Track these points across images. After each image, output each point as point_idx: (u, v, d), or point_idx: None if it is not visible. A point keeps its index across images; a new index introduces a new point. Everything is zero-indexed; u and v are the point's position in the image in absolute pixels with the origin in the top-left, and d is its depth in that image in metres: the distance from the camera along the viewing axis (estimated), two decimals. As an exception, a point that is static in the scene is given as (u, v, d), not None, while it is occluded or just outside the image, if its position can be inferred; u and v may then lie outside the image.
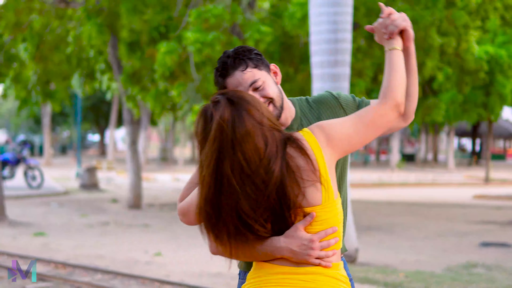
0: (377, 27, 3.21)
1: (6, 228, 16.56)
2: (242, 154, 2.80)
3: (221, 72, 3.27)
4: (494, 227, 18.57)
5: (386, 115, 3.01)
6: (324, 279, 2.89)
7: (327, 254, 2.90)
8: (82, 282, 10.29)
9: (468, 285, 10.61)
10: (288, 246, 2.89)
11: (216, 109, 2.88)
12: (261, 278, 2.94)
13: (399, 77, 3.06)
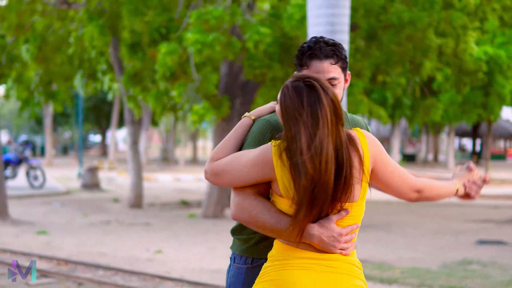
0: (464, 173, 3.64)
1: (8, 227, 16.77)
2: (336, 139, 3.12)
3: (313, 53, 3.47)
4: (491, 225, 18.77)
5: (408, 194, 3.40)
6: (343, 265, 3.17)
7: (348, 246, 3.17)
8: (84, 278, 10.52)
9: (462, 280, 10.82)
10: (320, 235, 3.15)
11: (317, 92, 3.13)
12: (287, 261, 3.19)
13: (438, 193, 3.48)
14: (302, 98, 3.14)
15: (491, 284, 10.56)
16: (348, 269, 3.18)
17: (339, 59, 3.50)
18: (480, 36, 22.27)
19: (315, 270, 3.15)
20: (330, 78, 3.46)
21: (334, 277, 3.14)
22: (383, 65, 18.64)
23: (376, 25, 18.02)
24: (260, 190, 3.30)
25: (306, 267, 3.16)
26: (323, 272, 3.15)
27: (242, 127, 3.48)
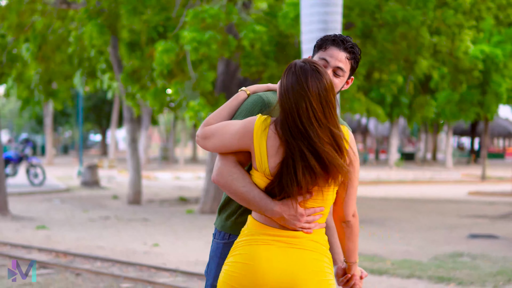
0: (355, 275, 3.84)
1: (9, 222, 17.05)
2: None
3: (337, 41, 3.76)
4: (485, 221, 19.02)
5: (348, 213, 3.67)
6: (305, 242, 3.45)
7: (310, 226, 3.45)
8: (82, 269, 10.81)
9: (451, 272, 11.09)
10: (281, 212, 3.44)
11: (321, 75, 3.47)
12: (254, 236, 3.48)
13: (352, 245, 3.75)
14: (307, 76, 3.43)
15: (479, 275, 10.83)
16: (309, 246, 3.45)
17: (353, 58, 3.79)
18: (476, 35, 22.48)
19: (277, 246, 3.42)
20: (338, 67, 3.73)
21: (294, 251, 3.42)
22: (378, 63, 18.91)
23: (371, 23, 18.30)
24: (241, 160, 3.57)
25: (269, 242, 3.43)
26: (284, 248, 3.42)
27: (237, 99, 3.76)
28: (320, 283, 3.43)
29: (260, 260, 3.41)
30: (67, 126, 74.23)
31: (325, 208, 3.51)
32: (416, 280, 10.61)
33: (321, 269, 3.44)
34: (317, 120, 3.38)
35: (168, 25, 17.55)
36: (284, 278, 3.39)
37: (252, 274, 3.40)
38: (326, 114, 3.41)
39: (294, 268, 3.40)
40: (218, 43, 15.77)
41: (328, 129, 3.40)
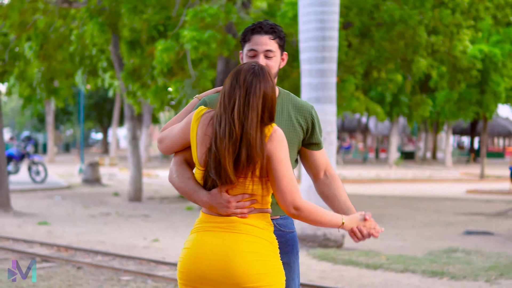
0: (359, 217, 3.91)
1: (11, 218, 17.29)
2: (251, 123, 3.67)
3: (256, 29, 4.01)
4: (481, 218, 19.26)
5: (286, 205, 3.73)
6: (240, 226, 3.70)
7: (242, 211, 3.69)
8: (83, 262, 11.06)
9: (445, 266, 11.31)
10: (209, 201, 3.71)
11: (257, 78, 3.70)
12: (198, 225, 3.80)
13: (320, 217, 3.80)
14: (239, 78, 3.69)
15: (472, 269, 11.05)
16: (245, 229, 3.68)
17: (277, 36, 4.01)
18: (474, 35, 22.70)
19: (214, 231, 3.70)
20: (267, 50, 3.97)
21: (229, 235, 3.68)
22: (375, 62, 19.14)
23: (368, 23, 18.54)
24: (188, 158, 3.87)
25: (208, 229, 3.72)
26: (220, 232, 3.69)
27: (190, 105, 4.07)
28: (255, 263, 3.65)
29: (198, 244, 3.71)
30: (68, 124, 74.45)
31: (256, 195, 3.72)
32: (410, 274, 10.83)
33: (257, 250, 3.66)
34: (244, 117, 3.63)
35: (168, 24, 17.79)
36: (219, 259, 3.64)
37: (192, 257, 3.70)
38: (251, 114, 3.65)
39: (228, 249, 3.65)
40: (217, 42, 16.02)
41: (247, 125, 3.64)
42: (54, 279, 9.92)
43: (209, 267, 3.66)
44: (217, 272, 3.65)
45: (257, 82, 3.67)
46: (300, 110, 4.12)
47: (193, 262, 3.70)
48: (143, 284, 9.68)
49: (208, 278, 3.67)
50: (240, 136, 3.62)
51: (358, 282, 10.08)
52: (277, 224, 4.06)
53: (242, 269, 3.63)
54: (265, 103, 3.67)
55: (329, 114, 13.28)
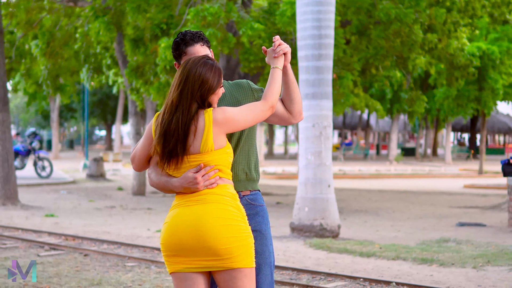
0: (269, 50, 4.58)
1: (19, 211, 17.84)
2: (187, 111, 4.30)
3: (187, 42, 4.57)
4: (475, 211, 19.74)
5: (264, 111, 4.41)
6: (210, 197, 4.27)
7: (210, 182, 4.26)
8: (90, 250, 11.63)
9: (435, 254, 11.83)
10: (180, 185, 4.29)
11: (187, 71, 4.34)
12: (174, 203, 4.37)
13: (276, 87, 4.46)
14: (177, 74, 4.35)
15: (460, 257, 11.56)
16: (213, 199, 4.26)
17: (203, 40, 4.61)
18: (471, 32, 23.19)
19: (186, 205, 4.27)
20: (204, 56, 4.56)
21: (199, 206, 4.25)
22: (372, 59, 19.68)
23: (366, 21, 19.07)
24: (157, 161, 4.46)
25: (182, 205, 4.30)
26: (191, 206, 4.26)
27: (148, 128, 4.61)
28: (223, 227, 4.21)
29: (174, 219, 4.28)
30: (72, 121, 75.02)
31: (217, 165, 4.31)
32: (401, 261, 11.36)
33: (225, 216, 4.23)
34: (176, 105, 4.28)
35: (171, 23, 18.31)
36: (192, 228, 4.20)
37: (170, 230, 4.27)
38: (182, 100, 4.27)
39: (199, 218, 4.21)
40: (218, 40, 16.56)
41: (181, 111, 4.27)
42: (62, 265, 10.47)
43: (185, 236, 4.20)
44: (192, 239, 4.19)
45: (186, 79, 4.35)
46: (241, 87, 4.74)
47: (171, 233, 4.25)
48: (147, 270, 10.23)
49: (184, 245, 4.21)
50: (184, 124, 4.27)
51: (350, 269, 10.60)
52: (248, 199, 4.65)
53: (212, 233, 4.18)
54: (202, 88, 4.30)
55: (325, 109, 13.82)
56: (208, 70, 4.30)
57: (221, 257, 4.19)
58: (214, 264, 4.22)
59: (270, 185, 28.50)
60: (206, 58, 4.36)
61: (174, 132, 4.25)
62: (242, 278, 4.25)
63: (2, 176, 18.74)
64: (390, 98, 45.21)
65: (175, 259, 4.27)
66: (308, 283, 9.31)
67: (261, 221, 4.65)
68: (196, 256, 4.22)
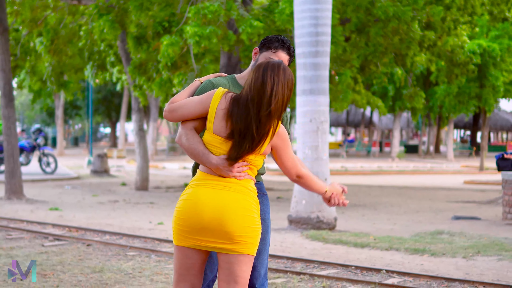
0: (335, 193, 4.99)
1: (24, 205, 18.24)
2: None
3: (284, 46, 4.96)
4: (472, 205, 20.11)
5: (290, 175, 4.83)
6: (236, 186, 4.61)
7: (240, 174, 4.60)
8: (93, 240, 12.02)
9: (427, 245, 12.18)
10: (217, 164, 4.61)
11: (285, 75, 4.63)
12: (198, 182, 4.68)
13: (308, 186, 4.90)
14: (276, 71, 4.60)
15: (452, 248, 11.92)
16: (238, 189, 4.61)
17: (293, 56, 5.01)
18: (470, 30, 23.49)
19: (213, 188, 4.60)
20: None
21: (226, 192, 4.58)
22: (371, 56, 20.05)
23: (365, 19, 19.44)
24: (196, 126, 4.76)
25: (208, 186, 4.62)
26: (219, 189, 4.59)
27: (193, 86, 4.97)
28: (244, 217, 4.57)
29: (199, 197, 4.59)
30: (77, 118, 75.44)
31: (253, 165, 4.67)
32: (394, 251, 11.72)
33: (246, 207, 4.59)
34: (262, 104, 4.55)
35: (173, 21, 18.69)
36: (216, 210, 4.54)
37: (193, 207, 4.58)
38: (271, 103, 4.56)
39: (224, 203, 4.55)
40: (218, 37, 16.94)
41: (264, 113, 4.56)
42: (66, 254, 10.86)
43: (208, 216, 4.53)
44: (214, 221, 4.52)
45: (287, 78, 4.64)
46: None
47: (193, 211, 4.56)
48: (147, 259, 10.61)
49: (206, 225, 4.54)
50: (264, 122, 4.57)
51: (344, 258, 10.96)
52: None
53: (235, 221, 4.53)
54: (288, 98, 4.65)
55: (322, 104, 14.19)
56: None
57: (234, 242, 4.55)
58: (226, 247, 4.57)
59: (272, 181, 28.88)
60: None
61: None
62: (246, 263, 4.62)
63: (8, 171, 19.16)
64: (392, 96, 45.53)
65: (188, 235, 4.61)
66: (301, 271, 9.68)
67: (265, 209, 5.08)
68: (212, 237, 4.56)
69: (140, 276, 9.30)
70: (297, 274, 9.56)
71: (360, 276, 9.49)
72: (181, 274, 4.70)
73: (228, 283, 4.63)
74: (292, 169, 4.76)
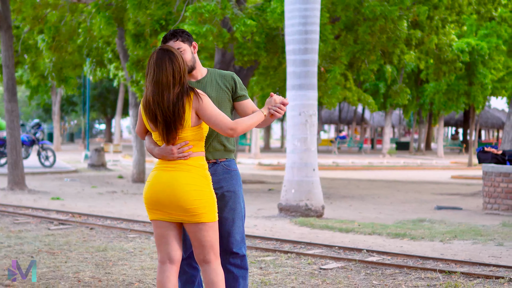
0: (271, 99, 5.55)
1: (26, 195, 19.04)
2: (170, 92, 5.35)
3: (164, 40, 5.72)
4: (457, 197, 20.93)
5: (227, 127, 5.36)
6: (182, 166, 5.37)
7: (184, 155, 5.36)
8: (95, 224, 12.87)
9: (408, 231, 13.02)
10: (160, 153, 5.41)
11: (163, 58, 5.37)
12: (157, 166, 5.48)
13: (250, 124, 5.42)
14: (152, 61, 5.38)
15: (431, 233, 12.76)
16: (185, 168, 5.37)
17: (177, 37, 5.66)
18: (458, 29, 24.28)
19: (165, 170, 5.38)
20: (178, 48, 5.62)
21: (174, 172, 5.36)
22: (359, 54, 20.92)
23: (354, 17, 20.31)
24: (149, 133, 5.58)
25: (161, 169, 5.40)
26: (168, 171, 5.36)
27: None
28: (191, 191, 5.33)
29: (155, 179, 5.40)
30: (73, 114, 76.12)
31: (190, 141, 5.39)
32: (376, 236, 12.56)
33: (194, 182, 5.36)
34: (167, 88, 5.32)
35: (170, 19, 19.49)
36: (168, 188, 5.33)
37: (151, 187, 5.40)
38: (166, 84, 5.32)
39: (174, 182, 5.34)
40: (213, 35, 17.79)
41: (167, 94, 5.33)
42: (71, 236, 11.70)
43: (162, 194, 5.34)
44: (167, 197, 5.33)
45: (162, 65, 5.35)
46: (224, 77, 5.83)
47: (151, 191, 5.39)
48: (147, 240, 11.45)
49: (161, 201, 5.36)
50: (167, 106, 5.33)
51: (329, 241, 11.79)
52: (224, 164, 5.81)
53: (183, 195, 5.32)
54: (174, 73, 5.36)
55: (311, 99, 15.05)
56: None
57: (189, 213, 5.35)
58: (184, 219, 5.38)
59: (265, 175, 29.70)
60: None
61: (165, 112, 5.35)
62: (207, 229, 5.41)
63: (11, 162, 19.98)
64: (383, 93, 46.36)
65: (154, 211, 5.44)
66: (289, 250, 10.54)
67: (235, 183, 5.84)
68: (170, 210, 5.37)
69: (141, 254, 10.14)
70: (285, 253, 10.42)
71: (343, 255, 10.33)
72: (158, 245, 5.52)
73: (197, 248, 5.45)
74: (222, 126, 5.34)
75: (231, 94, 5.80)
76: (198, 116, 5.37)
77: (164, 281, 5.43)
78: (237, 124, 5.37)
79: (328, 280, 8.56)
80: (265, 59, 19.89)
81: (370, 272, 9.09)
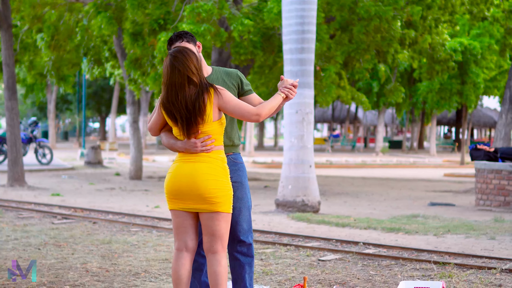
0: (285, 81, 5.87)
1: (26, 191, 19.34)
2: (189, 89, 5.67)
3: (169, 42, 6.04)
4: (449, 194, 21.29)
5: (250, 114, 5.71)
6: (203, 158, 5.70)
7: (206, 149, 5.69)
8: (98, 219, 13.21)
9: (402, 225, 13.38)
10: (183, 146, 5.73)
11: (178, 60, 5.69)
12: (176, 159, 5.81)
13: (271, 106, 5.74)
14: (165, 64, 5.71)
15: (424, 227, 13.12)
16: (206, 160, 5.69)
17: (182, 39, 5.96)
18: (451, 29, 24.58)
19: (185, 162, 5.70)
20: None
21: (195, 164, 5.67)
22: (353, 53, 21.27)
23: (349, 17, 20.66)
24: (169, 128, 5.89)
25: (182, 161, 5.72)
26: (189, 162, 5.69)
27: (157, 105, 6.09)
28: (211, 181, 5.65)
29: (176, 170, 5.72)
30: (67, 113, 76.29)
31: (212, 135, 5.71)
32: (371, 230, 12.92)
33: (214, 173, 5.68)
34: (181, 88, 5.63)
35: (168, 18, 19.79)
36: (189, 178, 5.65)
37: (172, 179, 5.72)
38: (186, 80, 5.62)
39: (194, 173, 5.66)
40: (211, 34, 18.13)
41: (189, 92, 5.65)
42: (75, 230, 12.03)
43: (182, 184, 5.66)
44: (188, 187, 5.65)
45: (177, 66, 5.65)
46: (230, 75, 6.15)
47: (173, 181, 5.71)
48: (149, 234, 11.79)
49: (183, 191, 5.67)
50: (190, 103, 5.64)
51: (326, 235, 12.14)
52: (231, 158, 6.13)
53: (203, 184, 5.64)
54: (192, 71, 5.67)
55: (308, 97, 15.41)
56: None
57: (206, 202, 5.65)
58: (201, 207, 5.68)
59: (259, 173, 30.05)
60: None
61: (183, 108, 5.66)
62: (220, 219, 5.71)
63: (11, 159, 20.29)
64: (376, 92, 46.71)
65: (174, 201, 5.75)
66: (288, 243, 10.89)
67: (241, 174, 6.18)
68: (189, 200, 5.68)
69: (144, 246, 10.48)
70: (284, 245, 10.77)
71: (340, 247, 10.69)
72: (176, 233, 5.83)
73: (208, 236, 5.74)
74: (246, 114, 5.69)
75: (238, 90, 6.11)
76: (219, 110, 5.66)
77: (180, 267, 5.74)
78: (260, 109, 5.69)
79: (327, 270, 8.91)
80: (261, 58, 20.28)
81: (367, 263, 9.45)
